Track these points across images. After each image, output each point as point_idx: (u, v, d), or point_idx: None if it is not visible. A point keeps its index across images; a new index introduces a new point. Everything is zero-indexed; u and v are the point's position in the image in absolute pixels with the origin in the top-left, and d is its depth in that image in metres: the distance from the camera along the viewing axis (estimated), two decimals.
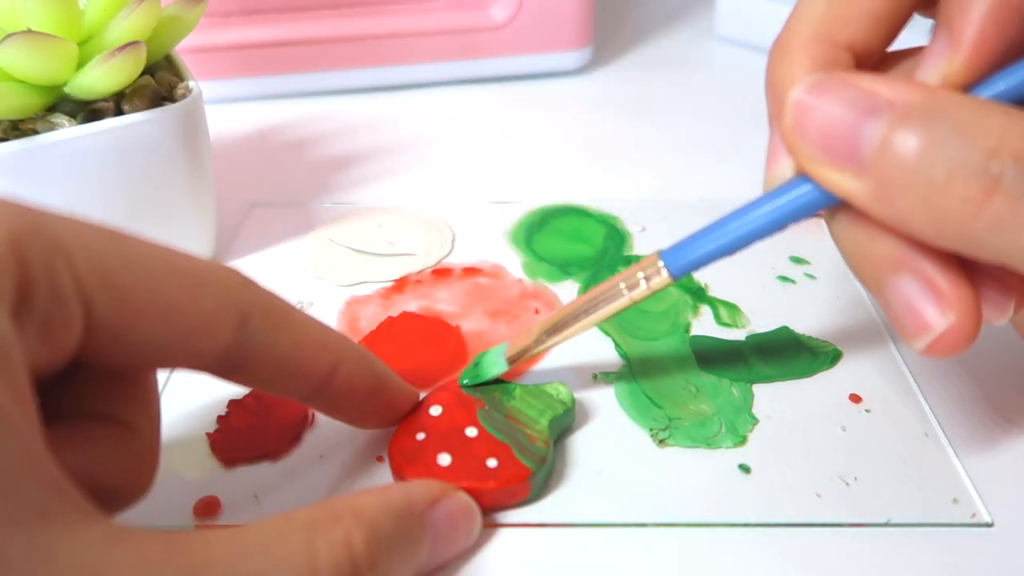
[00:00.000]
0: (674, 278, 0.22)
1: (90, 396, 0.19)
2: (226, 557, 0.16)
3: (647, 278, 0.23)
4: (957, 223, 0.17)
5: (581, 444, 0.25)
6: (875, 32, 0.21)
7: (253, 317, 0.20)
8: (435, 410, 0.24)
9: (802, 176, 0.20)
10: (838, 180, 0.18)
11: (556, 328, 0.24)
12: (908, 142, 0.17)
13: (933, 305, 0.19)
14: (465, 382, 0.25)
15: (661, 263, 0.22)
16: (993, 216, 0.16)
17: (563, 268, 0.33)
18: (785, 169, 0.21)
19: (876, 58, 0.22)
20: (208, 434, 0.26)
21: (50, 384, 0.18)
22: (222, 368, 0.20)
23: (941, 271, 0.19)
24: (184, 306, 0.19)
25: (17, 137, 0.27)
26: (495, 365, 0.25)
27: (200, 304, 0.19)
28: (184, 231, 0.32)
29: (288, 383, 0.21)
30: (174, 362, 0.20)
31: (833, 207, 0.20)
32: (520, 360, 0.25)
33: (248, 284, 0.20)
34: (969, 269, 0.19)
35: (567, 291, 0.32)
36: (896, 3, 0.21)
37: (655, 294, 0.23)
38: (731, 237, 0.21)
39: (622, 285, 0.23)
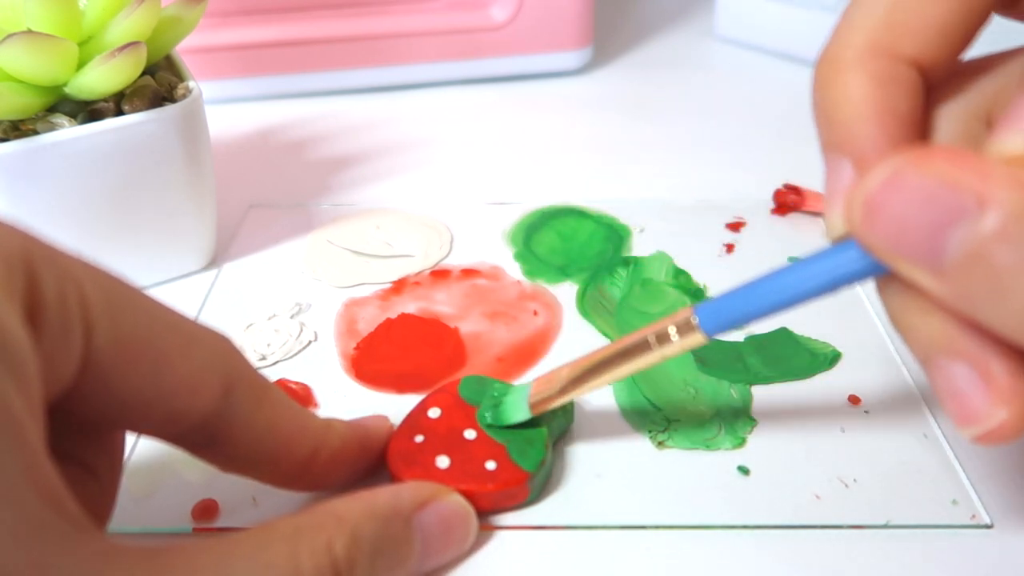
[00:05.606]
0: (708, 337, 0.20)
1: (55, 434, 0.19)
2: (210, 568, 0.16)
3: (680, 332, 0.21)
4: None
5: (580, 446, 0.25)
6: (944, 41, 0.18)
7: (237, 387, 0.20)
8: (434, 412, 0.24)
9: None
10: (912, 272, 0.16)
11: (581, 379, 0.23)
12: (1002, 257, 0.14)
13: (984, 396, 0.17)
14: (488, 422, 0.24)
15: (695, 319, 0.20)
16: None
17: (562, 269, 0.33)
18: (839, 221, 0.18)
19: (946, 71, 0.19)
20: None
21: None
22: (198, 437, 0.20)
23: (998, 360, 0.16)
24: (175, 360, 0.18)
25: (17, 137, 0.27)
26: (518, 411, 0.24)
27: (191, 360, 0.19)
28: (184, 231, 0.32)
29: (264, 465, 0.21)
30: (153, 420, 0.19)
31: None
32: (542, 408, 0.23)
33: (237, 354, 0.20)
34: None
35: (565, 292, 0.32)
36: (970, 4, 0.18)
37: (685, 352, 0.21)
38: (775, 299, 0.19)
39: (652, 338, 0.21)
